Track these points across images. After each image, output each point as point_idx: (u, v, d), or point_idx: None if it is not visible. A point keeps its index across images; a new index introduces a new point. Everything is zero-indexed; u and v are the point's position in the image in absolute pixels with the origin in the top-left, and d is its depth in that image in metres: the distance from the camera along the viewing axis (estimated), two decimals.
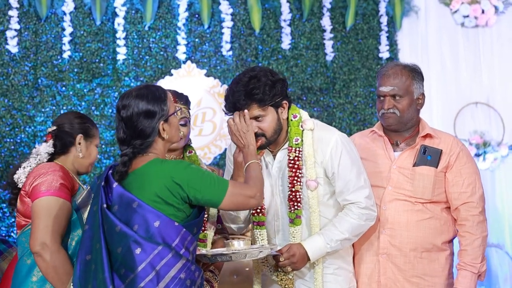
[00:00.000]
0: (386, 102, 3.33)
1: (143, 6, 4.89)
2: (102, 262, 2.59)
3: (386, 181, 3.33)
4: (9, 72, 4.77)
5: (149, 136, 2.70)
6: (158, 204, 2.63)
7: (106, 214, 2.62)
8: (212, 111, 4.92)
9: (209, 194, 2.66)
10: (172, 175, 2.63)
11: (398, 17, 5.17)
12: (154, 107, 2.72)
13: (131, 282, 2.58)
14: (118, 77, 4.85)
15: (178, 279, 2.60)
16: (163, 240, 2.60)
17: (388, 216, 3.30)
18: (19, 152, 4.69)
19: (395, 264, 3.30)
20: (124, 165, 2.67)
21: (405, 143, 3.40)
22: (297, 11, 5.08)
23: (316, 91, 5.06)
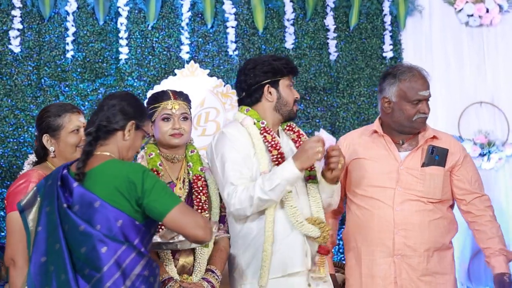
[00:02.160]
0: (426, 106, 3.39)
1: (146, 6, 4.92)
2: (64, 262, 2.60)
3: (395, 182, 3.36)
4: (12, 72, 4.80)
5: (114, 123, 2.77)
6: (119, 201, 2.65)
7: (67, 214, 2.63)
8: (216, 111, 4.94)
9: (157, 202, 2.66)
10: (129, 174, 2.66)
11: (402, 17, 5.19)
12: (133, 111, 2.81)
13: (97, 281, 2.59)
14: (121, 77, 4.89)
15: (142, 276, 2.64)
16: (126, 239, 2.64)
17: (401, 217, 3.34)
18: (22, 152, 4.73)
19: (409, 264, 3.33)
20: (90, 144, 2.73)
21: (408, 143, 3.44)
22: (300, 11, 5.11)
23: (319, 90, 5.08)
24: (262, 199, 3.13)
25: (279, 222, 3.23)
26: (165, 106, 3.36)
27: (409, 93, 3.41)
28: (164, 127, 3.34)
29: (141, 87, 4.89)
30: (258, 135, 3.29)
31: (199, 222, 2.68)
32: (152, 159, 3.35)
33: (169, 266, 3.22)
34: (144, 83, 4.90)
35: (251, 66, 3.38)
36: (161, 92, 3.44)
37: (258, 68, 3.36)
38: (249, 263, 3.26)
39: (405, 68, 3.49)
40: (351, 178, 3.50)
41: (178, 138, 3.35)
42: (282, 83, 3.36)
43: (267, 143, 3.28)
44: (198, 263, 3.29)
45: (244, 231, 3.28)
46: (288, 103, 3.36)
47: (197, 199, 3.32)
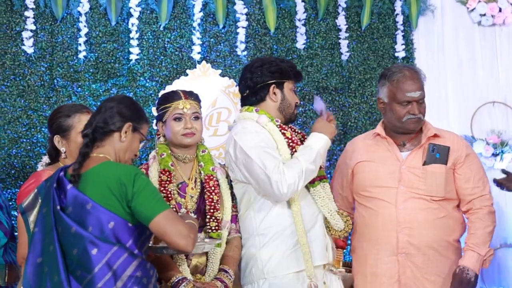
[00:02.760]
0: (416, 107, 3.41)
1: (158, 7, 4.94)
2: (57, 264, 2.63)
3: (397, 181, 3.39)
4: (25, 72, 4.83)
5: (110, 125, 2.80)
6: (111, 203, 2.67)
7: (60, 216, 2.66)
8: (227, 111, 4.96)
9: (144, 206, 2.68)
10: (120, 175, 2.69)
11: (414, 16, 5.19)
12: (130, 114, 2.84)
13: (88, 283, 2.62)
14: (133, 77, 4.91)
15: (135, 277, 2.66)
16: (118, 241, 2.66)
17: (405, 215, 3.35)
18: (35, 152, 4.76)
19: (413, 263, 3.35)
20: (87, 146, 2.77)
21: (411, 143, 3.46)
22: (312, 11, 5.12)
23: (331, 90, 5.09)
24: (309, 169, 3.26)
25: (303, 215, 3.29)
26: (176, 106, 3.37)
27: (398, 94, 3.45)
28: (176, 127, 3.36)
29: (153, 87, 4.91)
30: (277, 131, 3.35)
31: (182, 231, 2.67)
32: (163, 159, 3.37)
33: (182, 266, 3.24)
34: (156, 84, 4.92)
35: (258, 65, 3.44)
36: (172, 92, 3.46)
37: (266, 68, 3.42)
38: (269, 259, 3.30)
39: (397, 69, 3.52)
40: (356, 181, 3.54)
41: (190, 137, 3.37)
42: (286, 85, 3.44)
43: (287, 140, 3.34)
44: (211, 263, 3.31)
45: (262, 227, 3.32)
46: (291, 105, 3.45)
47: (209, 199, 3.34)
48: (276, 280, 3.29)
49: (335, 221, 3.35)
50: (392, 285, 3.39)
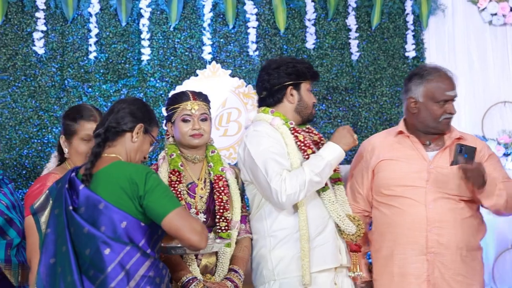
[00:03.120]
0: (453, 106, 3.42)
1: (168, 7, 4.96)
2: (70, 264, 2.64)
3: (425, 181, 3.38)
4: (36, 73, 4.86)
5: (122, 125, 2.81)
6: (124, 202, 2.68)
7: (72, 216, 2.67)
8: (237, 111, 4.96)
9: (156, 203, 2.69)
10: (132, 174, 2.70)
11: (424, 16, 5.17)
12: (142, 115, 2.86)
13: (101, 283, 2.63)
14: (143, 78, 4.92)
15: (147, 277, 2.66)
16: (130, 240, 2.67)
17: (434, 214, 3.35)
18: (46, 153, 4.78)
19: (442, 262, 3.34)
20: (99, 146, 2.78)
21: (435, 143, 3.45)
22: (322, 11, 5.12)
23: (341, 90, 5.08)
24: (313, 181, 3.26)
25: (312, 219, 3.30)
26: (184, 107, 3.38)
27: (436, 93, 3.44)
28: (184, 127, 3.37)
29: (163, 87, 4.92)
30: (290, 134, 3.36)
31: (196, 227, 2.68)
32: (173, 159, 3.38)
33: (192, 266, 3.25)
34: (166, 84, 4.93)
35: (275, 66, 3.45)
36: (181, 93, 3.48)
37: (282, 69, 3.43)
38: (280, 261, 3.31)
39: (432, 69, 3.52)
40: (378, 180, 3.51)
41: (198, 138, 3.38)
42: (303, 86, 3.45)
43: (299, 143, 3.36)
44: (221, 263, 3.32)
45: (274, 229, 3.34)
46: (308, 106, 3.46)
47: (218, 199, 3.35)
48: (286, 281, 3.29)
49: (345, 226, 3.35)
50: (420, 285, 3.37)
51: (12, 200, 3.66)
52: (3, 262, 3.46)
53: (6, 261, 3.46)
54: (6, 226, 3.54)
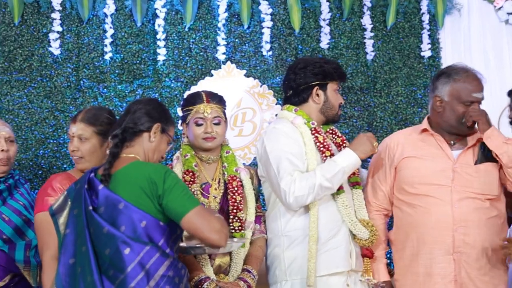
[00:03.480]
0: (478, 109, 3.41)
1: (183, 7, 4.97)
2: (90, 264, 2.65)
3: (450, 180, 3.36)
4: (52, 74, 4.89)
5: (139, 125, 2.83)
6: (143, 202, 2.69)
7: (92, 216, 2.69)
8: (252, 111, 4.97)
9: (176, 202, 2.70)
10: (151, 174, 2.72)
11: (440, 15, 5.16)
12: (158, 115, 2.87)
13: (121, 282, 2.64)
14: (158, 78, 4.94)
15: (167, 277, 2.67)
16: (150, 240, 2.67)
17: (460, 214, 3.33)
18: (62, 153, 4.81)
19: (468, 262, 3.32)
20: (116, 146, 2.79)
21: (459, 143, 3.43)
22: (337, 10, 5.11)
23: (356, 90, 5.07)
24: (323, 186, 3.24)
25: (325, 221, 3.29)
26: (197, 110, 3.39)
27: (462, 93, 3.41)
28: (197, 130, 3.38)
29: (178, 88, 4.94)
30: (309, 135, 3.36)
31: (215, 226, 2.70)
32: (187, 160, 3.39)
33: (205, 266, 3.26)
34: (181, 84, 4.94)
35: (302, 66, 3.45)
36: (195, 95, 3.48)
37: (309, 69, 3.43)
38: (292, 261, 3.32)
39: (460, 69, 3.49)
40: (401, 177, 3.49)
41: (210, 141, 3.38)
42: (330, 86, 3.44)
43: (319, 144, 3.36)
44: (235, 263, 3.32)
45: (288, 229, 3.34)
46: (334, 107, 3.45)
47: (232, 199, 3.35)
48: (298, 281, 3.29)
49: (357, 231, 3.34)
50: (447, 285, 3.35)
51: (29, 200, 3.69)
52: (22, 263, 3.49)
53: (25, 262, 3.49)
54: (25, 227, 3.57)
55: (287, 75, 3.52)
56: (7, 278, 3.49)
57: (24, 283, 3.51)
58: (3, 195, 3.60)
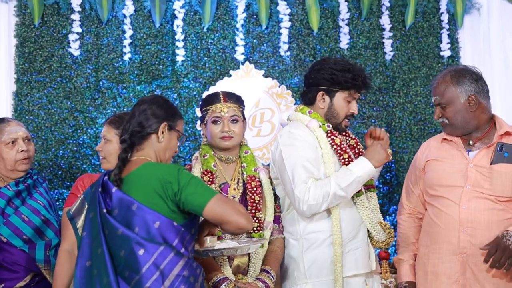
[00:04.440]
0: (435, 112, 3.41)
1: (201, 8, 4.99)
2: (106, 266, 2.68)
3: (464, 180, 3.34)
4: (71, 74, 4.92)
5: (147, 128, 2.83)
6: (156, 202, 2.70)
7: (106, 219, 2.71)
8: (271, 112, 4.97)
9: (194, 195, 2.72)
10: (164, 174, 2.73)
11: (459, 15, 5.14)
12: (165, 114, 2.86)
13: (137, 283, 2.66)
14: (177, 79, 4.96)
15: (182, 276, 2.69)
16: (164, 240, 2.69)
17: (467, 214, 3.31)
18: (81, 153, 4.84)
19: (475, 264, 3.30)
20: (125, 151, 2.80)
21: (481, 142, 3.41)
22: (355, 10, 5.10)
23: (375, 90, 5.07)
24: (337, 195, 3.24)
25: (345, 224, 3.30)
26: (214, 109, 3.39)
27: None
28: (214, 129, 3.38)
29: (197, 88, 4.95)
30: (325, 138, 3.35)
31: (240, 209, 2.71)
32: (206, 160, 3.39)
33: (224, 267, 3.26)
34: (200, 85, 4.96)
35: (318, 67, 3.44)
36: (213, 95, 3.49)
37: (322, 72, 3.41)
38: (312, 263, 3.31)
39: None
40: (425, 180, 3.49)
41: (227, 140, 3.39)
42: (339, 95, 3.40)
43: (336, 146, 3.34)
44: (253, 263, 3.32)
45: (307, 231, 3.34)
46: (338, 115, 3.41)
47: (251, 200, 3.35)
48: (318, 282, 3.29)
49: (375, 232, 3.36)
50: (451, 285, 3.33)
51: (48, 199, 3.72)
52: (43, 262, 3.52)
53: (45, 262, 3.53)
54: (44, 227, 3.60)
55: (307, 71, 3.54)
56: (28, 278, 3.52)
57: (44, 283, 3.54)
58: (22, 195, 3.64)
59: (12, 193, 3.60)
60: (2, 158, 3.62)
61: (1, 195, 3.58)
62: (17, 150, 3.63)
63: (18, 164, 3.63)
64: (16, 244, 3.51)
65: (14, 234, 3.52)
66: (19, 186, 3.64)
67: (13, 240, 3.51)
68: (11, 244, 3.51)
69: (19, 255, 3.51)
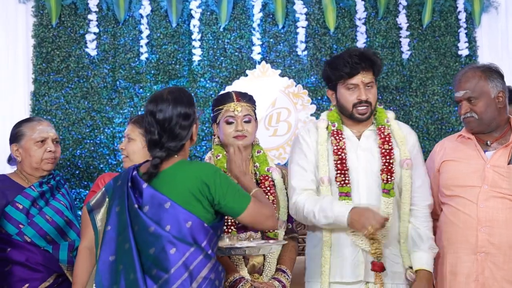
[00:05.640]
0: (463, 107, 3.38)
1: (218, 8, 5.01)
2: (133, 262, 2.67)
3: (481, 180, 3.35)
4: (88, 74, 4.96)
5: (184, 139, 2.81)
6: (190, 202, 2.71)
7: (137, 214, 2.71)
8: (287, 111, 4.99)
9: (233, 202, 2.77)
10: (201, 175, 2.74)
11: (477, 13, 5.13)
12: (190, 110, 2.84)
13: (164, 282, 2.66)
14: (193, 78, 4.98)
15: (208, 279, 2.69)
16: (194, 241, 2.70)
17: (485, 214, 3.32)
18: (99, 153, 4.88)
19: (493, 263, 3.30)
20: (156, 167, 2.78)
21: (498, 142, 3.41)
22: (372, 9, 5.11)
23: (392, 90, 5.07)
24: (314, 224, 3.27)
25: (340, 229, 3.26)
26: (227, 109, 3.40)
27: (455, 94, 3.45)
28: (228, 129, 3.39)
29: (213, 88, 4.98)
30: (324, 141, 3.35)
31: (267, 213, 2.82)
32: (219, 160, 3.41)
33: (240, 266, 3.28)
34: (216, 84, 4.98)
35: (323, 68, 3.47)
36: (225, 94, 3.50)
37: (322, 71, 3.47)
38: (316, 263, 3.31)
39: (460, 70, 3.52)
40: (441, 180, 3.50)
41: (241, 140, 3.40)
42: (339, 87, 3.37)
43: (334, 147, 3.32)
44: (268, 262, 3.34)
45: (311, 231, 3.35)
46: (344, 106, 3.36)
47: None
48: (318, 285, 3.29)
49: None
50: (469, 285, 3.34)
51: (70, 200, 3.76)
52: (66, 263, 3.57)
53: (68, 262, 3.58)
54: (67, 228, 3.65)
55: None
56: (51, 279, 3.56)
57: (67, 284, 3.57)
58: (46, 196, 3.68)
59: (37, 193, 3.64)
60: (29, 155, 3.67)
61: (25, 195, 3.62)
62: (45, 149, 3.68)
63: (43, 163, 3.68)
64: (40, 245, 3.55)
65: (38, 234, 3.56)
66: (43, 187, 3.69)
67: (37, 240, 3.55)
68: (35, 244, 3.55)
69: (42, 256, 3.55)
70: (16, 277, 3.51)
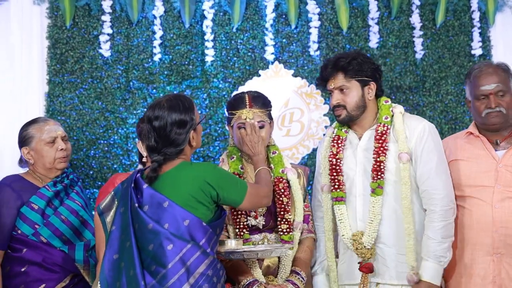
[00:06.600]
0: (493, 101, 3.37)
1: (230, 8, 5.04)
2: (133, 259, 2.79)
3: (494, 180, 3.36)
4: (102, 75, 5.00)
5: (181, 144, 2.90)
6: (191, 204, 2.79)
7: (137, 213, 2.82)
8: (300, 111, 5.01)
9: (233, 193, 2.95)
10: (204, 176, 2.85)
11: (491, 13, 5.12)
12: (186, 117, 2.92)
13: (162, 277, 2.76)
14: (207, 79, 5.01)
15: (206, 275, 2.79)
16: (192, 238, 2.79)
17: (501, 214, 3.33)
18: (112, 153, 4.92)
19: (509, 264, 3.30)
20: (155, 171, 2.89)
21: (506, 141, 3.42)
22: (385, 9, 5.12)
23: (405, 89, 5.07)
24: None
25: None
26: (240, 115, 3.43)
27: (475, 88, 3.44)
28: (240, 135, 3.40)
29: (226, 88, 5.00)
30: (327, 148, 3.40)
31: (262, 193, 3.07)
32: (233, 162, 3.44)
33: (254, 268, 3.29)
34: (229, 85, 5.01)
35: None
36: (238, 98, 3.50)
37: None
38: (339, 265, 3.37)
39: (476, 66, 3.54)
40: None
41: None
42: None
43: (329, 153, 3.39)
44: (283, 264, 3.36)
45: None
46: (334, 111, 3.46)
47: (279, 202, 3.39)
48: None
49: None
50: (486, 286, 3.35)
51: (84, 198, 3.80)
52: (82, 263, 3.61)
53: (84, 262, 3.61)
54: (82, 228, 3.70)
55: None
56: (68, 279, 3.60)
57: (83, 284, 3.61)
58: (61, 195, 3.73)
59: (51, 193, 3.68)
60: (42, 156, 3.72)
61: (40, 195, 3.66)
62: (57, 148, 3.73)
63: (57, 162, 3.73)
64: (56, 245, 3.60)
65: (54, 234, 3.60)
66: (57, 186, 3.73)
67: (53, 240, 3.60)
68: (51, 245, 3.59)
69: (58, 256, 3.59)
70: (32, 277, 3.56)
